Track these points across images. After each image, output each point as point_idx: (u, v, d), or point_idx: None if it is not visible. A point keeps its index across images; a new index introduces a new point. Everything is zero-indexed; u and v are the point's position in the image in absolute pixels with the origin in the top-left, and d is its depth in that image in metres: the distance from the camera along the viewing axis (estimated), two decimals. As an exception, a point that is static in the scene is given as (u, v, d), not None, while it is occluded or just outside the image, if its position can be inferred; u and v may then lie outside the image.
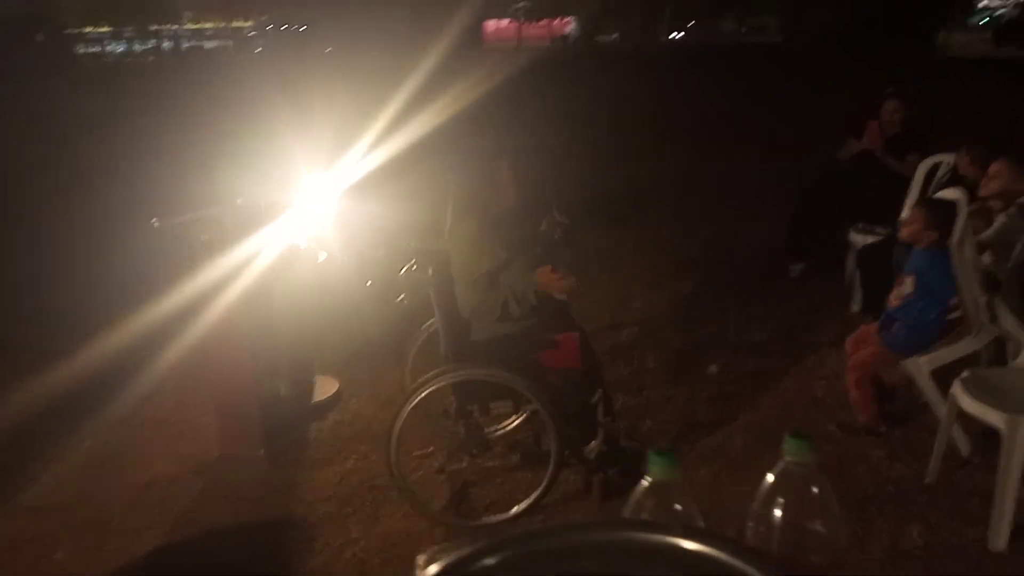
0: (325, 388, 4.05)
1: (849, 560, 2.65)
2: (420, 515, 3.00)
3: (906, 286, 3.21)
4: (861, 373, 3.27)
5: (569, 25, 57.02)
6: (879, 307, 4.57)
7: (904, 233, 3.26)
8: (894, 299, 3.27)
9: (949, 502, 2.93)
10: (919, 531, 2.78)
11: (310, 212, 3.94)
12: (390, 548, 2.86)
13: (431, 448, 3.46)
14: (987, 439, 3.11)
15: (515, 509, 2.94)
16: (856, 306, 4.75)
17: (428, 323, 3.43)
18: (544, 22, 53.90)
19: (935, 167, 4.83)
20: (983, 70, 20.82)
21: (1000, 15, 36.17)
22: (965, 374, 2.90)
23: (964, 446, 3.12)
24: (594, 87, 14.91)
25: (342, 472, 3.37)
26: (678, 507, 1.04)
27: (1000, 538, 2.66)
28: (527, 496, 3.01)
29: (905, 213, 4.89)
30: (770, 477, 1.05)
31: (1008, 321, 3.10)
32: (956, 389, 2.86)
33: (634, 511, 1.07)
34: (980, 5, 39.22)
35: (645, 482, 1.01)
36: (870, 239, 4.71)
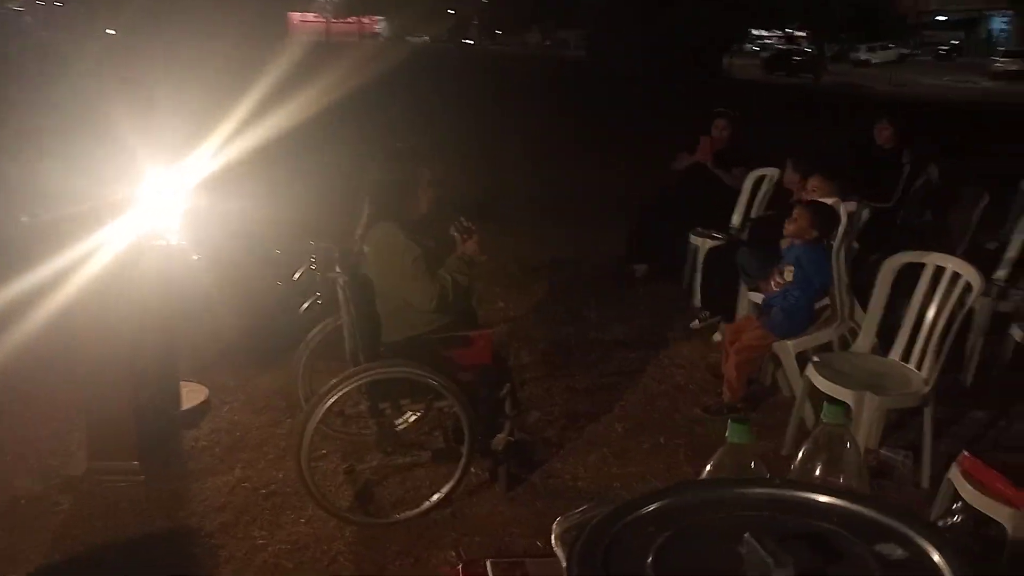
0: (193, 395, 3.83)
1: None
2: (326, 517, 2.96)
3: (785, 275, 3.61)
4: (743, 356, 3.65)
5: (378, 24, 56.65)
6: (717, 302, 5.08)
7: (789, 230, 3.65)
8: (773, 287, 3.67)
9: (804, 471, 3.36)
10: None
11: (169, 209, 3.73)
12: (301, 551, 2.81)
13: (323, 451, 3.41)
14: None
15: (426, 504, 2.98)
16: (697, 301, 5.24)
17: (321, 325, 3.38)
18: (353, 19, 53.13)
19: (760, 179, 5.44)
20: (756, 91, 23.36)
21: (770, 45, 40.74)
22: (815, 358, 3.35)
23: (811, 419, 3.58)
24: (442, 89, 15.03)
25: (231, 481, 3.23)
26: (752, 465, 1.21)
27: (849, 498, 3.10)
28: (433, 491, 3.07)
29: (736, 218, 5.49)
30: (811, 438, 1.24)
31: (858, 314, 3.60)
32: (810, 371, 3.29)
33: (714, 470, 1.22)
34: (754, 33, 43.72)
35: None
36: (709, 242, 5.21)
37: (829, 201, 3.77)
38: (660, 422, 3.75)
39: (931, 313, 3.17)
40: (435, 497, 3.00)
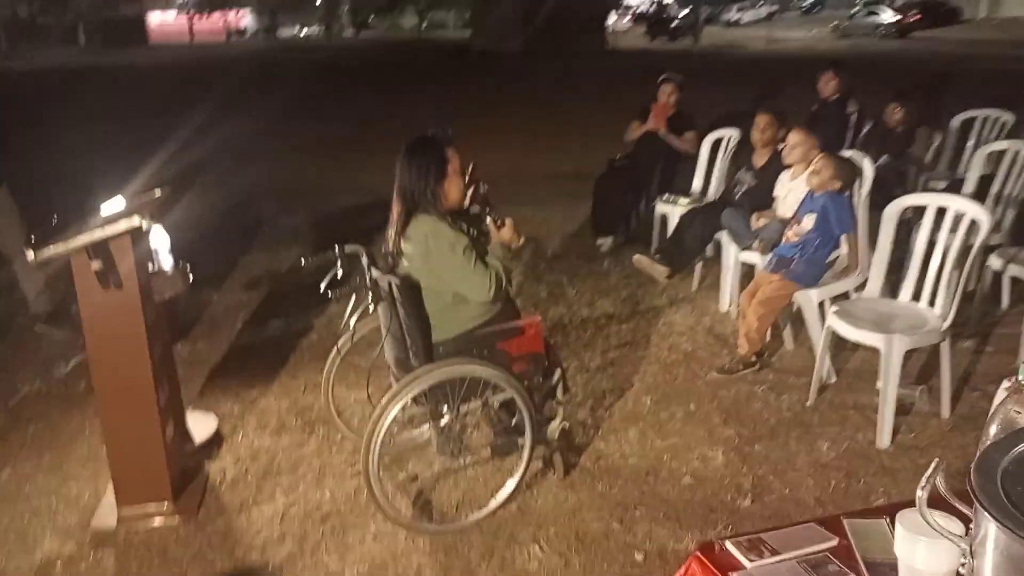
0: (203, 425, 3.62)
1: (786, 476, 3.06)
2: (393, 532, 2.86)
3: (805, 224, 3.72)
4: (766, 309, 3.73)
5: (244, 18, 54.31)
6: (675, 257, 5.14)
7: (813, 183, 3.73)
8: (792, 236, 3.77)
9: (834, 417, 3.50)
10: (827, 445, 3.29)
11: (156, 231, 3.49)
12: (381, 570, 2.70)
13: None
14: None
15: (493, 502, 2.93)
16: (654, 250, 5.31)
17: (345, 338, 3.24)
18: (217, 15, 50.75)
19: (717, 142, 5.57)
20: (644, 58, 23.95)
21: (644, 13, 41.69)
22: (835, 308, 3.47)
23: (826, 371, 3.73)
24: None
25: (278, 509, 3.07)
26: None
27: (884, 437, 3.26)
28: (492, 488, 3.02)
29: (697, 183, 5.60)
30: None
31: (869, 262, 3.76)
32: (832, 320, 3.41)
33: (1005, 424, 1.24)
34: (626, 3, 44.56)
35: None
36: (679, 208, 5.31)
37: (847, 153, 3.90)
38: (683, 390, 3.81)
39: (939, 253, 3.33)
40: (501, 494, 2.95)
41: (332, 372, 3.28)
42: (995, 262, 4.08)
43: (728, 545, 1.41)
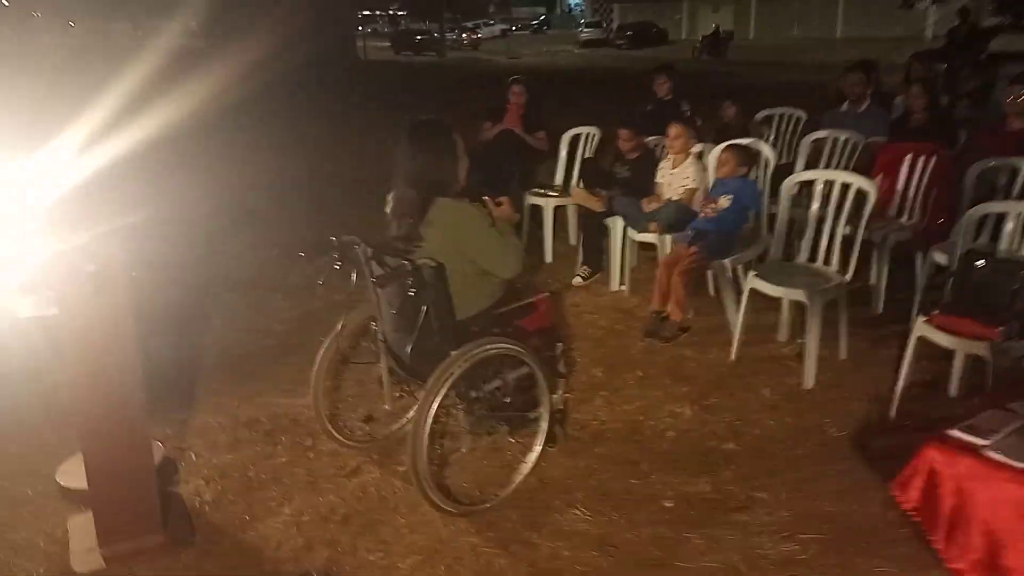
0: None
1: (749, 419, 3.45)
2: (426, 521, 2.80)
3: (721, 203, 4.19)
4: (687, 276, 4.13)
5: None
6: (594, 259, 5.44)
7: (722, 172, 4.20)
8: (710, 213, 4.22)
9: (758, 368, 3.98)
10: (766, 391, 3.75)
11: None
12: (437, 556, 2.64)
13: (354, 463, 3.18)
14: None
15: (517, 477, 2.99)
16: (548, 257, 5.65)
17: (330, 338, 3.08)
18: None
19: (575, 138, 5.97)
20: (396, 70, 24.30)
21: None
22: (754, 272, 3.94)
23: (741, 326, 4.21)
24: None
25: (287, 519, 2.85)
26: None
27: (810, 379, 3.78)
28: (502, 465, 3.07)
29: (559, 177, 5.96)
30: None
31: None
32: (756, 282, 3.87)
33: None
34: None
35: None
36: (551, 200, 5.62)
37: (745, 141, 4.45)
38: (626, 359, 4.09)
39: (830, 219, 3.93)
40: (524, 468, 3.01)
41: (323, 371, 3.10)
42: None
43: (955, 433, 1.67)
